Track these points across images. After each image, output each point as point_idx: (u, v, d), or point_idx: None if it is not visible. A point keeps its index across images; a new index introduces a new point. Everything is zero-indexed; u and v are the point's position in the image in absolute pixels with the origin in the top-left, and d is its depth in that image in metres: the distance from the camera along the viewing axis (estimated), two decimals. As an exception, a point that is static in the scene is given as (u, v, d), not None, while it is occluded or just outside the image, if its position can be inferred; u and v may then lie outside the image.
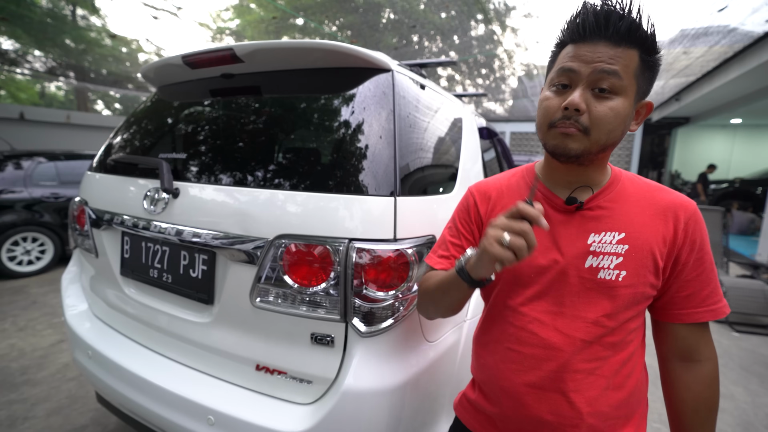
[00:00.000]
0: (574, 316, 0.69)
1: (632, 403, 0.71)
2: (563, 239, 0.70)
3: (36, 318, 3.15)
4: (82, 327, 1.40)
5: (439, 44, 11.56)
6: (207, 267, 1.10)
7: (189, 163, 1.22)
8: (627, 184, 0.73)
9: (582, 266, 0.68)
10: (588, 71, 0.62)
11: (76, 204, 1.50)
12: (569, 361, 0.68)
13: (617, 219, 0.69)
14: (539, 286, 0.71)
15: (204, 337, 1.12)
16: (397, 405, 0.96)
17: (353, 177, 0.97)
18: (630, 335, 0.70)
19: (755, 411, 2.28)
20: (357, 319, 0.94)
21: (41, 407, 2.02)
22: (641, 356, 0.74)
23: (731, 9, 4.95)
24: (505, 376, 0.74)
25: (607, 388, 0.68)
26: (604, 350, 0.68)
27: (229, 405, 1.01)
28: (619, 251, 0.67)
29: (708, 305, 0.69)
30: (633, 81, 0.63)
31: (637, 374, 0.72)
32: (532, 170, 0.80)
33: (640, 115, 0.69)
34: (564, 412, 0.68)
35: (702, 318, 0.69)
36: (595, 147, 0.65)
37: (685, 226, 0.67)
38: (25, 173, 4.32)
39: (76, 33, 9.63)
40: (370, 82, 1.11)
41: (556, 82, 0.67)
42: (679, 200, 0.70)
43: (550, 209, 0.73)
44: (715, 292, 0.69)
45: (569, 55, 0.65)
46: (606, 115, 0.62)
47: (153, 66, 1.44)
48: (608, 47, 0.61)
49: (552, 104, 0.66)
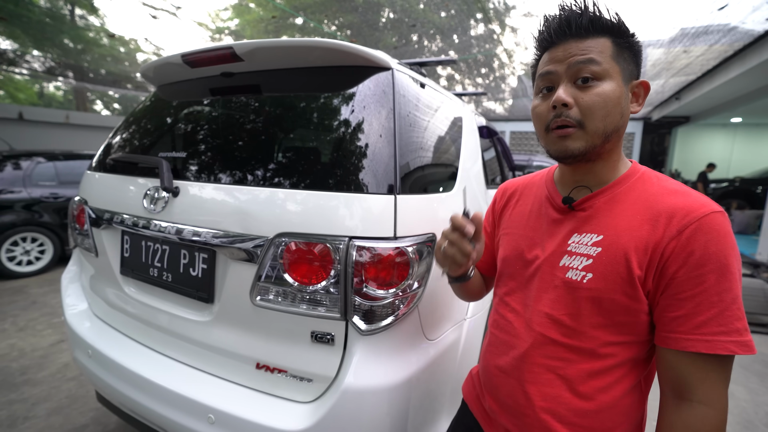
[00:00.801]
0: (540, 310, 0.71)
1: (604, 419, 0.66)
2: (550, 237, 0.73)
3: (36, 318, 3.15)
4: (82, 326, 1.40)
5: (439, 43, 11.55)
6: (207, 266, 1.10)
7: (189, 162, 1.22)
8: (636, 185, 0.67)
9: (557, 264, 0.70)
10: (564, 68, 0.65)
11: (76, 203, 1.50)
12: (530, 353, 0.71)
13: (602, 221, 0.67)
14: (521, 279, 0.76)
15: (204, 336, 1.12)
16: (397, 403, 0.96)
17: (353, 175, 0.97)
18: (608, 348, 0.64)
19: (755, 409, 2.28)
20: (357, 317, 0.94)
21: (42, 407, 2.02)
22: (631, 378, 0.66)
23: (731, 7, 4.95)
24: (486, 357, 0.82)
25: (569, 392, 0.67)
26: (568, 352, 0.67)
27: (230, 403, 1.01)
28: (591, 253, 0.65)
29: (702, 333, 0.56)
30: (613, 63, 0.63)
31: (616, 393, 0.65)
32: (552, 170, 0.83)
33: (638, 96, 0.68)
34: (519, 399, 0.72)
35: (691, 347, 0.57)
36: (596, 138, 0.64)
37: (678, 235, 0.58)
38: (24, 173, 4.32)
39: (74, 33, 9.61)
40: (370, 81, 1.11)
41: (541, 87, 0.70)
42: (684, 204, 0.60)
43: (550, 208, 0.76)
44: (718, 321, 0.55)
45: (545, 61, 0.68)
46: (595, 101, 0.62)
47: (152, 65, 1.43)
48: (577, 42, 0.64)
49: (542, 109, 0.68)
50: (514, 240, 0.80)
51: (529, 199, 0.83)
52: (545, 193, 0.79)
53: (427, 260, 1.02)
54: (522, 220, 0.81)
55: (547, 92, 0.68)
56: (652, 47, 7.11)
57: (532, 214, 0.79)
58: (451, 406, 1.22)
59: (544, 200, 0.78)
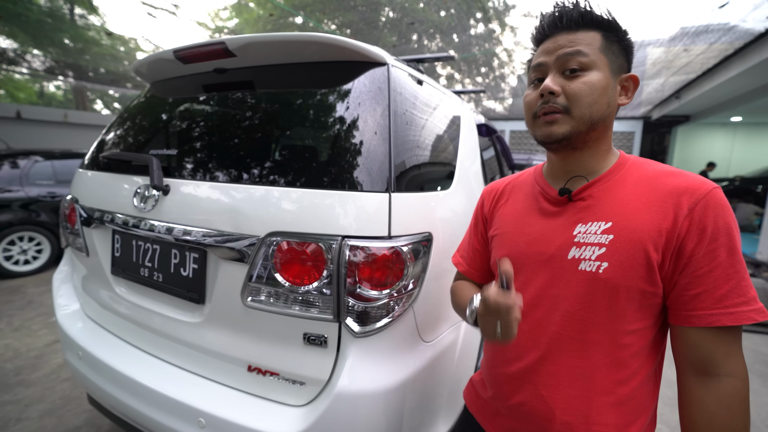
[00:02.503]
0: (553, 307, 0.68)
1: (625, 412, 0.65)
2: (552, 231, 0.71)
3: (31, 318, 3.13)
4: (73, 327, 1.38)
5: (439, 43, 11.52)
6: (198, 265, 1.08)
7: (180, 159, 1.20)
8: (631, 171, 0.68)
9: (565, 257, 0.67)
10: (553, 59, 0.67)
11: (67, 202, 1.48)
12: (545, 356, 0.68)
13: (606, 208, 0.65)
14: (524, 277, 0.73)
15: (195, 338, 1.10)
16: (392, 407, 0.94)
17: (347, 173, 0.95)
18: (625, 338, 0.63)
19: (757, 410, 2.26)
20: (350, 318, 0.92)
21: (35, 408, 2.00)
22: (647, 366, 0.66)
23: (732, 6, 4.92)
24: (493, 364, 0.79)
25: (589, 390, 0.65)
26: (585, 348, 0.65)
27: (221, 407, 0.99)
28: (603, 241, 0.63)
29: (725, 306, 0.57)
30: (601, 56, 0.65)
31: (634, 383, 0.65)
32: (540, 168, 0.82)
33: (627, 89, 0.69)
34: (537, 405, 0.69)
35: (717, 321, 0.58)
36: (582, 124, 0.65)
37: (690, 213, 0.59)
38: (22, 172, 4.30)
39: (74, 32, 9.58)
40: (365, 77, 1.09)
41: (533, 78, 0.72)
42: (687, 183, 0.61)
43: (544, 202, 0.75)
44: (736, 292, 0.57)
45: (537, 54, 0.71)
46: (581, 89, 0.64)
47: (145, 61, 1.41)
48: (567, 35, 0.67)
49: (531, 98, 0.70)
50: (511, 239, 0.77)
51: (519, 196, 0.81)
52: (537, 188, 0.77)
53: (422, 260, 1.00)
54: (515, 218, 0.79)
55: (538, 83, 0.70)
56: (652, 46, 7.09)
57: (525, 210, 0.78)
58: (448, 409, 1.20)
59: (537, 195, 0.77)
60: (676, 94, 9.44)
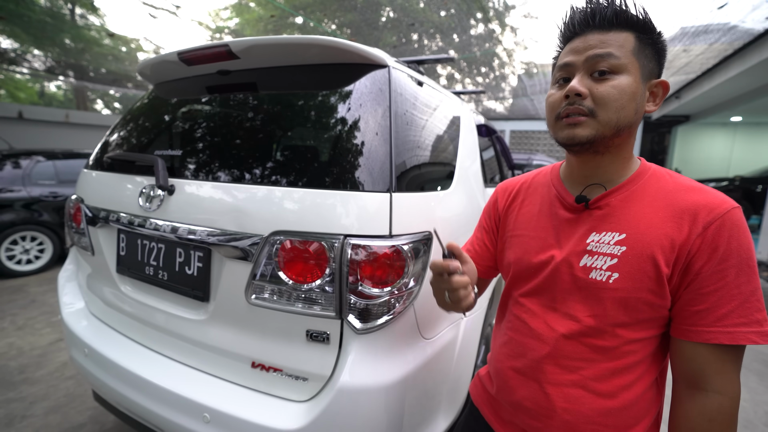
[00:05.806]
0: (563, 312, 0.69)
1: (627, 416, 0.66)
2: (566, 237, 0.71)
3: (35, 317, 3.15)
4: (78, 325, 1.40)
5: (439, 43, 11.52)
6: (202, 264, 1.10)
7: (185, 160, 1.22)
8: (651, 182, 0.66)
9: (577, 264, 0.68)
10: (582, 59, 0.64)
11: (73, 202, 1.50)
12: (550, 354, 0.69)
13: (622, 219, 0.65)
14: (537, 281, 0.73)
15: (199, 335, 1.12)
16: (393, 402, 0.96)
17: (349, 173, 0.97)
18: (630, 345, 0.65)
19: (755, 409, 2.27)
20: (352, 315, 0.94)
21: (39, 405, 2.02)
22: (652, 372, 0.67)
23: (731, 6, 4.93)
24: (499, 359, 0.80)
25: (591, 392, 0.67)
26: (591, 352, 0.66)
27: (225, 402, 1.01)
28: (615, 252, 0.64)
29: (724, 325, 0.57)
30: (633, 59, 0.62)
31: (638, 389, 0.66)
32: (557, 169, 0.80)
33: (656, 96, 0.67)
34: (540, 401, 0.71)
35: (713, 339, 0.58)
36: (607, 129, 0.62)
37: (704, 231, 0.58)
38: (24, 172, 4.32)
39: (75, 32, 9.59)
40: (367, 79, 1.11)
41: (558, 78, 0.68)
42: (706, 201, 0.60)
43: (560, 207, 0.74)
44: (739, 312, 0.57)
45: (565, 52, 0.68)
46: (609, 93, 0.61)
47: (149, 63, 1.43)
48: (599, 34, 0.63)
49: (555, 98, 0.67)
50: (525, 242, 0.77)
51: (536, 199, 0.80)
52: (553, 192, 0.76)
53: (423, 258, 1.02)
54: (531, 221, 0.78)
55: (563, 83, 0.67)
56: (652, 46, 7.06)
57: (541, 215, 0.77)
58: (448, 405, 1.22)
59: (553, 200, 0.76)
60: (676, 94, 9.45)
